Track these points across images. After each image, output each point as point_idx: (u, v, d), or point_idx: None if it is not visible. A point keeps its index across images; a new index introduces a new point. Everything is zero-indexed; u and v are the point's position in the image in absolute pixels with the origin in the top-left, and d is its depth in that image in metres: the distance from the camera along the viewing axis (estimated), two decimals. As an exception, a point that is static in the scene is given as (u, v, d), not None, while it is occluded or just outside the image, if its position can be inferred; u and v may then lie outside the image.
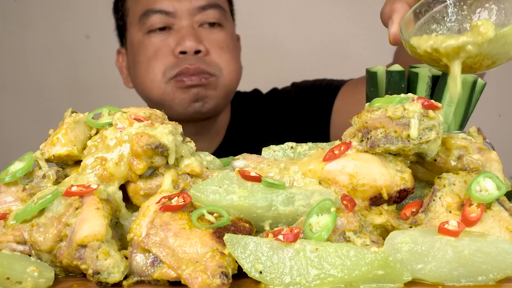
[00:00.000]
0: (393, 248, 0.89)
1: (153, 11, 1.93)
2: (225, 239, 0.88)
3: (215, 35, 1.95)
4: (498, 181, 0.97)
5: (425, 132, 1.01)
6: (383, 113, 1.02)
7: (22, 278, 0.88)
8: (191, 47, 1.89)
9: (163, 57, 1.92)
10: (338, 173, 1.01)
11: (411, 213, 1.01)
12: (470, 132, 1.15)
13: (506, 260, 0.87)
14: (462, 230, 0.90)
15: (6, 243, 0.97)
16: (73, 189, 0.98)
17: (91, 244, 0.90)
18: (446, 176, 1.02)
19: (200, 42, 1.91)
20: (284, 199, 0.98)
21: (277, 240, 0.88)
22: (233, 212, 0.97)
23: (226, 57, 1.94)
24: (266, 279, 0.86)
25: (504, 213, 0.97)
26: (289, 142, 1.16)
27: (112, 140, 1.04)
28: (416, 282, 0.88)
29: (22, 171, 1.06)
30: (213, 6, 1.95)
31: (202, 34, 1.93)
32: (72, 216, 0.95)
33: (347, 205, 0.95)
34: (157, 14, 1.93)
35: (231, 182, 0.99)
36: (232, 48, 1.98)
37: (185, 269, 0.86)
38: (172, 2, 1.92)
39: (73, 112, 1.13)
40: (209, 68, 1.90)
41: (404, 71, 1.33)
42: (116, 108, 1.11)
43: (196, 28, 1.93)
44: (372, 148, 1.02)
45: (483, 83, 1.36)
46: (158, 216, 0.93)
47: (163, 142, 1.00)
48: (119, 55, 2.13)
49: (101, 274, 0.88)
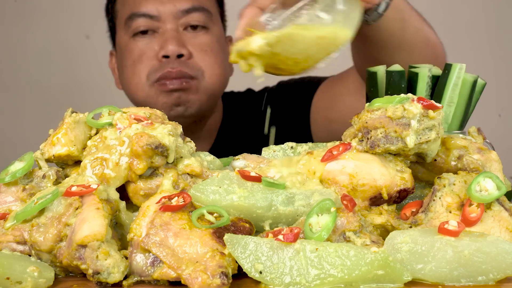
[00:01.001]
0: (393, 248, 0.89)
1: (137, 15, 1.93)
2: (225, 239, 0.88)
3: (199, 39, 1.95)
4: (498, 181, 0.97)
5: (425, 132, 1.02)
6: (383, 113, 1.02)
7: (22, 278, 0.88)
8: (173, 51, 1.89)
9: (148, 60, 1.92)
10: (338, 173, 1.01)
11: (411, 213, 1.01)
12: (470, 132, 1.15)
13: (506, 260, 0.87)
14: (462, 230, 0.90)
15: (6, 243, 0.97)
16: (73, 189, 0.98)
17: (91, 244, 0.90)
18: (446, 176, 1.02)
19: (183, 45, 1.91)
20: (284, 199, 0.98)
21: (277, 240, 0.88)
22: (233, 212, 0.97)
23: (209, 60, 1.94)
24: (266, 279, 0.86)
25: (504, 213, 0.97)
26: (289, 142, 1.16)
27: (112, 140, 1.04)
28: (416, 282, 0.88)
29: (22, 171, 1.06)
30: (198, 9, 1.95)
31: (186, 38, 1.93)
32: (72, 216, 0.95)
33: (347, 205, 0.95)
34: (142, 18, 1.93)
35: (231, 182, 0.99)
36: (217, 51, 1.98)
37: (185, 269, 0.86)
38: (156, 5, 1.93)
39: (73, 112, 1.13)
40: (190, 71, 1.90)
41: (404, 71, 1.33)
42: (116, 108, 1.11)
43: (181, 31, 1.93)
44: (372, 148, 1.02)
45: (483, 83, 1.36)
46: (158, 216, 0.93)
47: (163, 142, 1.00)
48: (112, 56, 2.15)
49: (101, 274, 0.88)
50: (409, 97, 1.03)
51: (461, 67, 1.31)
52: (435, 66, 1.36)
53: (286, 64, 1.13)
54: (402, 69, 1.33)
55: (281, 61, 1.11)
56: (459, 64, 1.31)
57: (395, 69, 1.32)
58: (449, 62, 1.32)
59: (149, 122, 1.05)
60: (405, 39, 1.52)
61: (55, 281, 0.93)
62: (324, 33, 1.11)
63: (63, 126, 1.09)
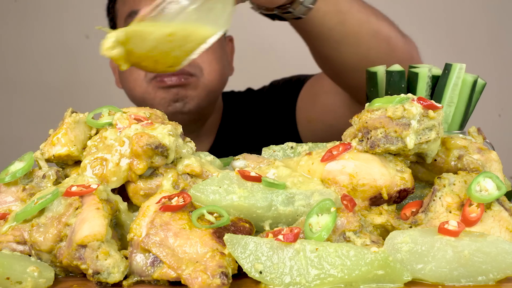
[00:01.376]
0: (393, 248, 0.89)
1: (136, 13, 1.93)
2: (225, 239, 0.88)
3: None
4: (498, 181, 0.98)
5: (425, 132, 1.02)
6: (383, 113, 1.02)
7: (22, 278, 0.88)
8: None
9: None
10: (338, 173, 1.01)
11: (411, 213, 1.01)
12: (470, 132, 1.16)
13: (506, 260, 0.87)
14: (462, 230, 0.90)
15: (6, 243, 0.97)
16: (73, 189, 0.98)
17: (91, 244, 0.90)
18: (446, 176, 1.02)
19: None
20: (284, 199, 0.98)
21: (277, 240, 0.88)
22: (233, 212, 0.97)
23: (208, 57, 1.94)
24: (266, 279, 0.86)
25: (504, 213, 0.97)
26: (289, 142, 1.16)
27: (112, 140, 1.04)
28: (416, 282, 0.88)
29: (22, 171, 1.06)
30: None
31: None
32: (72, 216, 0.95)
33: (347, 205, 0.95)
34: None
35: (231, 182, 0.99)
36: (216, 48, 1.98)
37: (185, 269, 0.86)
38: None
39: (73, 112, 1.13)
40: (189, 68, 1.90)
41: (404, 71, 1.33)
42: (116, 108, 1.11)
43: None
44: (372, 148, 1.02)
45: (483, 83, 1.36)
46: (158, 216, 0.93)
47: (163, 142, 1.00)
48: None
49: (101, 274, 0.88)
50: (409, 97, 1.03)
51: (461, 67, 1.31)
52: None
53: (146, 61, 1.12)
54: (402, 69, 1.33)
55: (139, 58, 1.10)
56: (459, 64, 1.31)
57: (395, 69, 1.32)
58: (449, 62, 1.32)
59: (149, 122, 1.06)
60: (348, 32, 1.50)
61: (55, 281, 0.93)
62: (173, 30, 1.09)
63: (63, 126, 1.09)
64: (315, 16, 1.42)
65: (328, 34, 1.49)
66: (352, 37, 1.51)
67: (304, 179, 1.02)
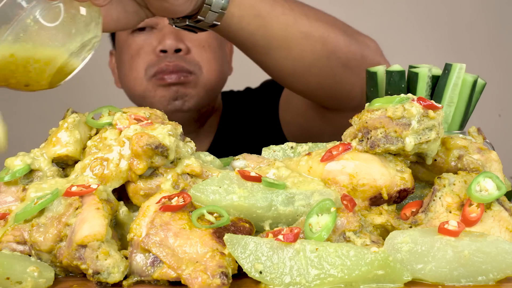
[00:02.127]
0: (393, 248, 0.89)
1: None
2: (225, 239, 0.88)
3: (197, 35, 1.95)
4: (498, 181, 0.98)
5: (425, 132, 1.02)
6: (383, 113, 1.02)
7: (22, 278, 0.88)
8: (170, 46, 1.90)
9: (146, 55, 1.94)
10: (338, 173, 1.01)
11: (411, 213, 1.01)
12: (470, 132, 1.15)
13: (506, 260, 0.87)
14: (462, 230, 0.90)
15: (6, 243, 0.97)
16: (73, 189, 0.98)
17: (91, 244, 0.90)
18: (446, 176, 1.02)
19: (181, 41, 1.92)
20: (284, 199, 0.98)
21: (277, 240, 0.88)
22: (233, 212, 0.97)
23: (207, 56, 1.94)
24: (266, 279, 0.86)
25: (504, 213, 0.97)
26: (289, 142, 1.16)
27: (112, 140, 1.04)
28: (416, 282, 0.88)
29: (22, 171, 1.06)
30: None
31: (184, 33, 1.93)
32: (72, 216, 0.95)
33: (347, 205, 0.95)
34: None
35: (231, 182, 0.99)
36: (215, 47, 1.98)
37: (185, 269, 0.86)
38: None
39: (73, 112, 1.13)
40: (188, 66, 1.91)
41: (404, 71, 1.33)
42: (116, 108, 1.11)
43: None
44: (372, 148, 1.02)
45: (483, 83, 1.36)
46: (158, 216, 0.93)
47: (163, 142, 1.00)
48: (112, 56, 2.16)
49: (101, 274, 0.88)
50: (409, 97, 1.03)
51: (461, 67, 1.31)
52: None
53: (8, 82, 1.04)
54: (402, 69, 1.33)
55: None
56: (459, 64, 1.31)
57: (395, 69, 1.32)
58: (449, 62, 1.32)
59: (149, 122, 1.06)
60: (273, 36, 1.42)
61: (55, 281, 0.93)
62: (13, 51, 0.99)
63: (63, 126, 1.09)
64: (232, 22, 1.36)
65: (252, 39, 1.42)
66: (279, 41, 1.43)
67: (304, 179, 1.02)
